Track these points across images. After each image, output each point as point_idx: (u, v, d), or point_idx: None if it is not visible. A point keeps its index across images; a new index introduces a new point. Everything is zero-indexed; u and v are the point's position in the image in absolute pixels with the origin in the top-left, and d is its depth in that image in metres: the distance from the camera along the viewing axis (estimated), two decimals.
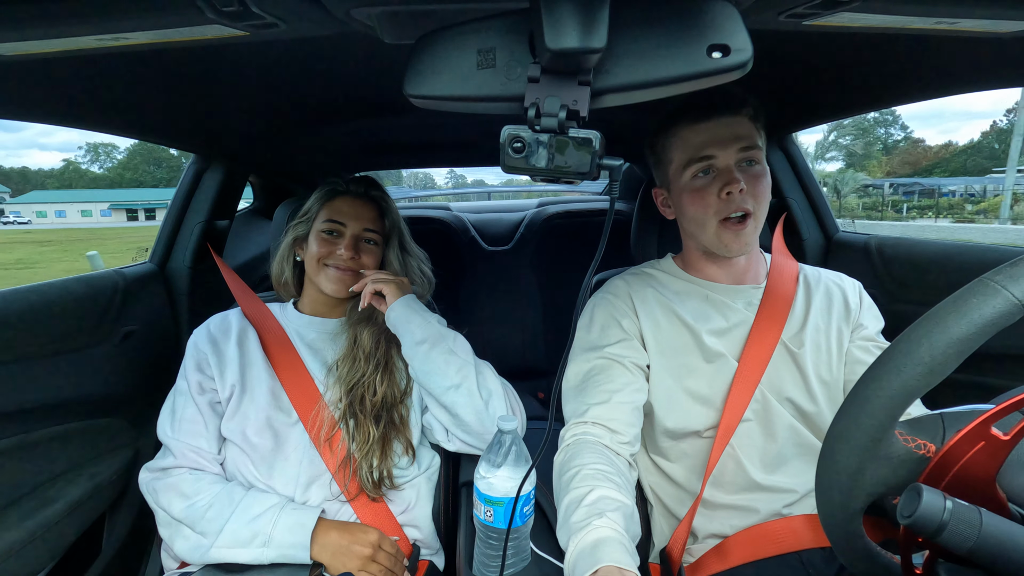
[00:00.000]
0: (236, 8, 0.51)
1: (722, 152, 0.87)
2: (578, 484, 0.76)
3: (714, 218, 0.88)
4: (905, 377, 0.40)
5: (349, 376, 1.00)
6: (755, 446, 0.89)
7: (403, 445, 1.01)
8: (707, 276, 0.98)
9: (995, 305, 0.38)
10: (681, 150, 0.90)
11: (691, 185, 0.90)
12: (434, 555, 1.06)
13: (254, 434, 0.96)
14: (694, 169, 0.89)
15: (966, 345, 0.38)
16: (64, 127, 0.97)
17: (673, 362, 0.92)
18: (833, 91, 1.06)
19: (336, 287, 1.03)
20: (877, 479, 0.44)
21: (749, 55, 0.46)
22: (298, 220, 1.08)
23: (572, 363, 0.94)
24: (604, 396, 0.87)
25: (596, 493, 0.73)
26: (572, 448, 0.83)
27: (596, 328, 0.96)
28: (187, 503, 0.90)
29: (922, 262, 1.21)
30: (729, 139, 0.86)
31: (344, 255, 1.02)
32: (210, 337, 1.03)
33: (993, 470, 0.42)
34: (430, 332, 0.99)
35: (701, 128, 0.88)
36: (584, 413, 0.86)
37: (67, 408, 1.08)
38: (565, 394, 0.93)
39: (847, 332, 0.94)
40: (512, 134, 0.50)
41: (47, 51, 0.59)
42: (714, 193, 0.87)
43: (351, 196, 1.07)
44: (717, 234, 0.89)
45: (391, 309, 1.00)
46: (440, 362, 0.97)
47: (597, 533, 0.67)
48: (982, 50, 0.77)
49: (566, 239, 2.31)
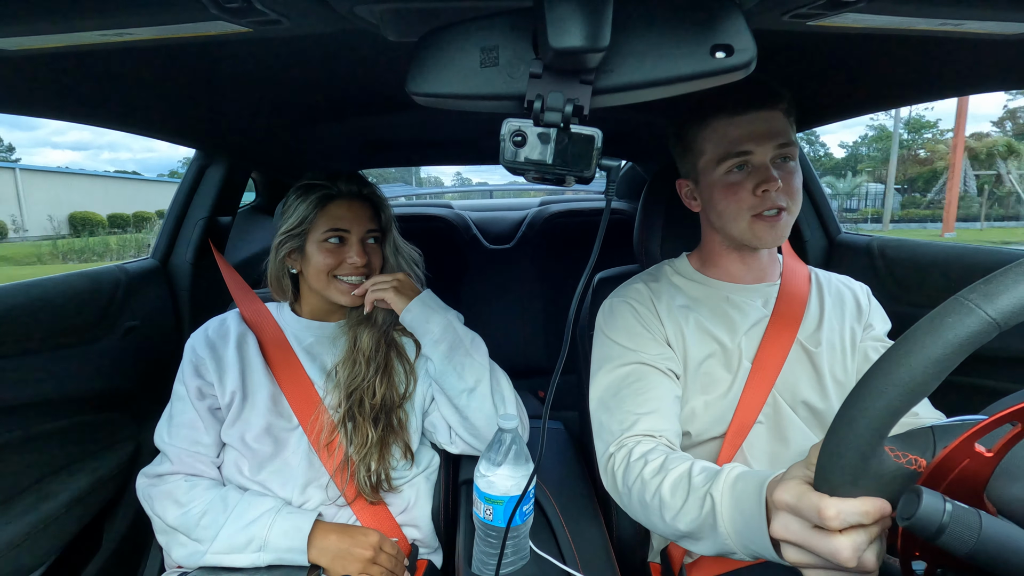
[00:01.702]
0: (239, 4, 0.51)
1: (759, 148, 0.84)
2: (672, 465, 0.71)
3: (747, 213, 0.86)
4: (888, 398, 0.40)
5: (349, 379, 0.99)
6: (765, 450, 0.88)
7: (401, 449, 1.01)
8: (727, 274, 0.96)
9: (969, 324, 0.37)
10: (715, 143, 0.86)
11: (725, 180, 0.87)
12: (433, 554, 1.06)
13: (253, 440, 0.95)
14: (729, 164, 0.85)
15: (943, 365, 0.38)
16: (68, 123, 0.97)
17: (697, 372, 0.90)
18: (837, 92, 1.06)
19: (351, 299, 1.00)
20: (870, 495, 0.45)
21: (752, 55, 0.46)
22: (287, 233, 0.99)
23: (601, 368, 0.91)
24: (654, 405, 0.83)
25: (699, 464, 0.69)
26: (643, 446, 0.78)
27: (622, 334, 0.92)
28: (181, 511, 0.90)
29: (924, 264, 1.21)
30: (766, 135, 0.83)
31: (357, 262, 0.98)
32: (208, 341, 1.01)
33: (981, 484, 0.42)
34: (448, 332, 0.98)
35: (738, 122, 0.84)
36: (634, 425, 0.81)
37: (69, 403, 1.08)
38: (599, 404, 0.89)
39: (859, 332, 0.94)
40: (514, 127, 0.49)
41: (51, 46, 0.59)
42: (748, 189, 0.84)
43: (347, 199, 1.00)
44: (750, 227, 0.86)
45: (407, 310, 0.98)
46: (457, 364, 0.97)
47: (739, 469, 0.63)
48: (987, 52, 0.76)
49: (568, 238, 2.31)
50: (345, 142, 1.56)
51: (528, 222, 2.37)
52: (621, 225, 1.43)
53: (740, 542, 0.59)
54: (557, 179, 0.53)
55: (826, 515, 0.44)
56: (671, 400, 0.85)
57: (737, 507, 0.59)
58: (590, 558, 0.87)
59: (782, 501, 0.50)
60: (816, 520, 0.46)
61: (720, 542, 0.61)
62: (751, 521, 0.57)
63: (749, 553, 0.59)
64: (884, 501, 0.44)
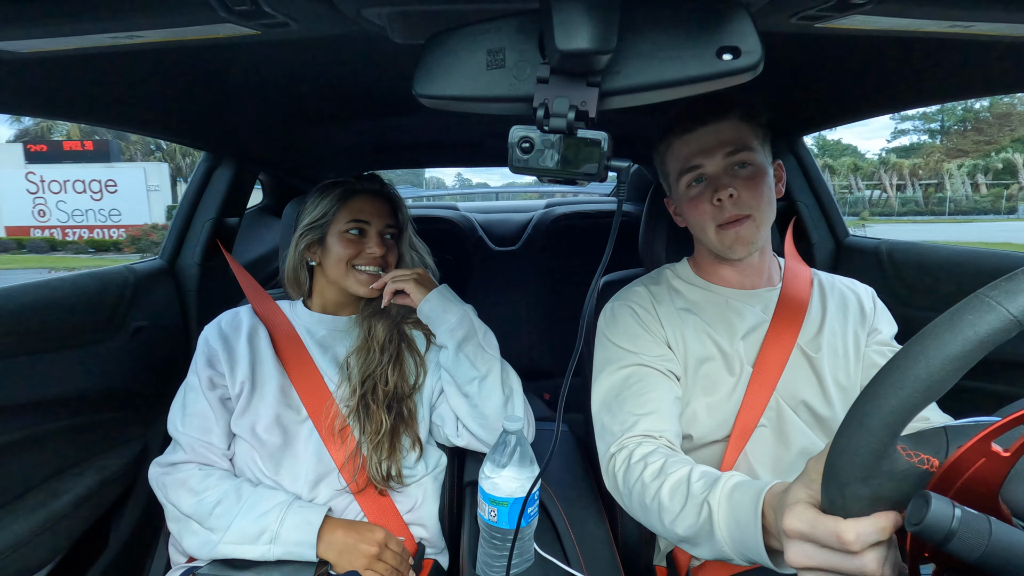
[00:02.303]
0: (248, 7, 0.51)
1: (709, 160, 0.88)
2: (673, 468, 0.72)
3: (711, 223, 0.89)
4: (904, 394, 0.39)
5: (364, 366, 1.01)
6: (768, 453, 0.88)
7: (411, 439, 1.02)
8: (723, 280, 0.97)
9: (990, 321, 0.37)
10: (674, 160, 0.92)
11: (687, 194, 0.91)
12: (439, 554, 1.06)
13: (263, 431, 0.97)
14: (687, 179, 0.90)
15: (963, 362, 0.38)
16: (79, 124, 0.98)
17: (697, 374, 0.90)
18: (843, 94, 1.05)
19: (368, 290, 1.04)
20: (881, 494, 0.44)
21: (759, 57, 0.46)
22: (310, 226, 1.04)
23: (603, 370, 0.92)
24: (653, 406, 0.84)
25: (700, 469, 0.70)
26: (644, 447, 0.79)
27: (623, 337, 0.93)
28: (196, 499, 0.91)
29: (933, 267, 1.20)
30: (715, 146, 0.87)
31: (376, 252, 1.03)
32: (221, 333, 1.03)
33: (996, 485, 0.42)
34: (464, 321, 1.02)
35: (689, 138, 0.89)
36: (634, 426, 0.82)
37: (76, 402, 1.09)
38: (601, 406, 0.90)
39: (863, 336, 0.93)
40: (521, 135, 0.50)
41: (63, 49, 0.60)
42: (708, 200, 0.87)
43: (368, 194, 1.07)
44: (717, 237, 0.89)
45: (426, 300, 1.02)
46: (471, 353, 1.00)
47: (736, 478, 0.64)
48: (997, 54, 0.76)
49: (574, 240, 2.31)
50: (351, 144, 1.57)
51: (534, 224, 2.37)
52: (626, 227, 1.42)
53: (737, 550, 0.60)
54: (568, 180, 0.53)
55: (847, 539, 0.44)
56: (671, 401, 0.86)
57: (733, 516, 0.60)
58: (595, 561, 0.87)
59: (794, 530, 0.49)
60: (836, 545, 0.46)
61: (717, 548, 0.62)
62: (747, 531, 0.58)
63: (746, 560, 0.61)
64: (897, 514, 0.45)
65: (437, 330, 1.03)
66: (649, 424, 0.82)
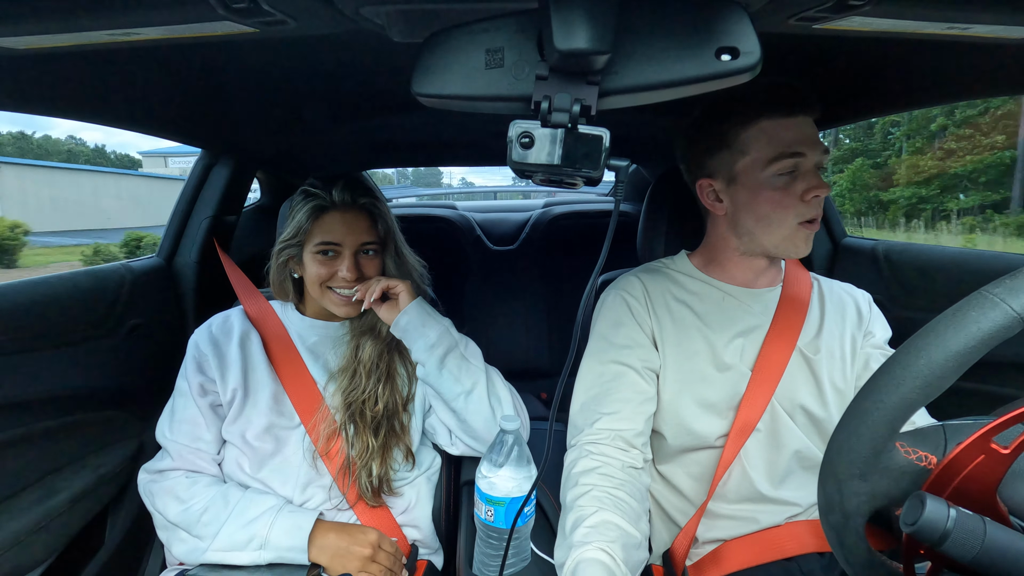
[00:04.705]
0: (246, 5, 0.51)
1: (811, 151, 0.82)
2: (585, 504, 0.76)
3: (794, 219, 0.84)
4: (904, 390, 0.39)
5: (349, 390, 0.99)
6: (762, 457, 0.88)
7: (403, 452, 1.01)
8: (729, 277, 0.95)
9: (994, 318, 0.37)
10: (764, 144, 0.83)
11: (772, 183, 0.84)
12: (433, 554, 1.06)
13: (254, 438, 0.95)
14: (779, 166, 0.82)
15: (965, 359, 0.38)
16: (74, 121, 0.98)
17: (685, 366, 0.90)
18: (843, 96, 1.06)
19: (346, 310, 0.99)
20: (878, 491, 0.44)
21: (758, 58, 0.46)
22: (285, 244, 1.00)
23: (585, 362, 0.93)
24: (618, 406, 0.86)
25: (601, 516, 0.73)
26: (587, 461, 0.82)
27: (610, 326, 0.93)
28: (182, 507, 0.90)
29: (930, 269, 1.20)
30: (815, 139, 0.83)
31: (348, 276, 0.96)
32: (211, 338, 1.01)
33: (994, 483, 0.42)
34: (444, 337, 0.97)
35: (790, 124, 0.83)
36: (597, 422, 0.85)
37: (72, 400, 1.08)
38: (577, 394, 0.92)
39: (860, 339, 0.93)
40: (521, 129, 0.49)
41: (60, 45, 0.60)
42: (796, 195, 0.83)
43: (340, 210, 0.98)
44: (791, 236, 0.85)
45: (403, 313, 0.97)
46: (453, 368, 0.96)
47: (598, 555, 0.67)
48: (994, 56, 0.76)
49: (572, 240, 2.31)
50: (350, 142, 1.57)
51: (532, 223, 2.37)
52: (624, 227, 1.42)
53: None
54: (565, 181, 0.53)
55: None
56: (639, 402, 0.87)
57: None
58: None
59: None
60: None
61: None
62: None
63: None
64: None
65: (413, 345, 0.97)
66: (608, 423, 0.85)
